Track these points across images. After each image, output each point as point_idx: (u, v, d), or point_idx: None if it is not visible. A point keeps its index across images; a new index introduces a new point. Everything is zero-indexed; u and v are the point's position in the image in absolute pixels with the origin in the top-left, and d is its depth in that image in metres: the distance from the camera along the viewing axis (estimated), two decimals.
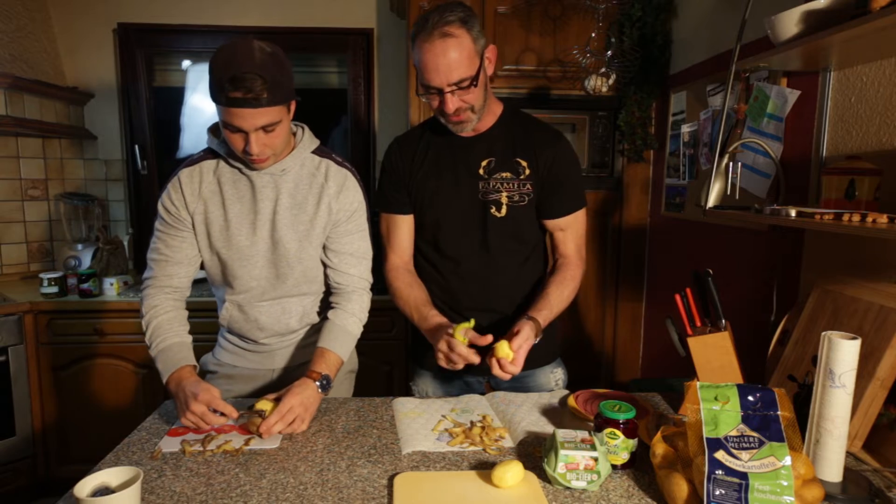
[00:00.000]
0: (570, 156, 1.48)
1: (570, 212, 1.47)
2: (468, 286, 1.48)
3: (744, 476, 0.88)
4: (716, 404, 0.97)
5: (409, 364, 1.62)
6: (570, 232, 1.48)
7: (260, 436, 1.19)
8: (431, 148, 1.47)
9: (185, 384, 1.24)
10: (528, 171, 1.43)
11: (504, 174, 1.43)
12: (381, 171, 1.53)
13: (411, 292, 1.46)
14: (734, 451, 0.91)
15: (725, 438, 0.93)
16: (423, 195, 1.47)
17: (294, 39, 3.02)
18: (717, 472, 0.90)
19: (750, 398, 0.96)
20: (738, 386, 0.98)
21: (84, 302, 2.50)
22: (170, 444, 1.16)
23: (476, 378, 1.55)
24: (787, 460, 0.88)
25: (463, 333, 1.26)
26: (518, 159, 1.43)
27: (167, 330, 1.34)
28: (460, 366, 1.27)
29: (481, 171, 1.43)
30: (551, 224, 1.48)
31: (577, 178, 1.49)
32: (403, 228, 1.50)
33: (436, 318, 1.39)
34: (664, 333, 1.43)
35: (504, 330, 1.40)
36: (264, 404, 1.23)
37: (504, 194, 1.43)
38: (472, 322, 1.27)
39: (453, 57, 1.26)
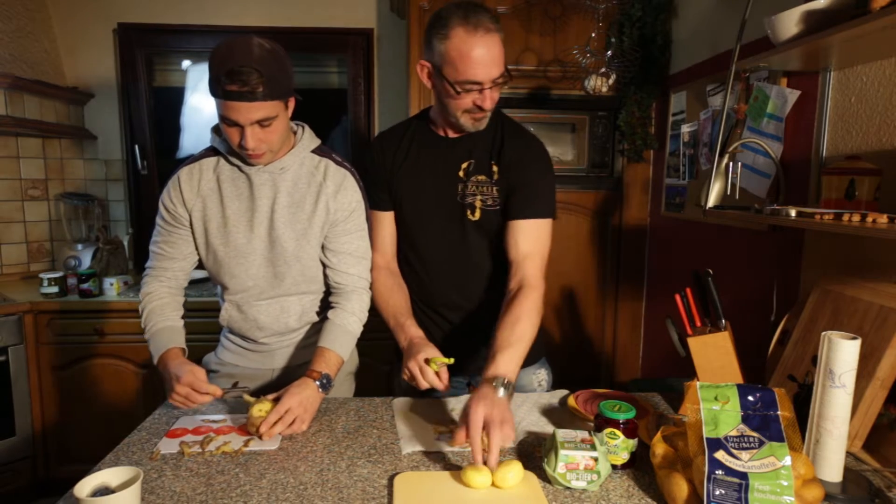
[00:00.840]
0: (538, 161, 1.41)
1: (529, 216, 1.36)
2: (444, 286, 1.48)
3: (744, 476, 0.88)
4: (716, 404, 0.97)
5: (396, 361, 1.60)
6: (531, 245, 1.35)
7: (259, 437, 1.19)
8: (414, 146, 1.47)
9: (170, 365, 1.29)
10: (496, 176, 1.41)
11: (480, 177, 1.41)
12: (364, 167, 1.52)
13: (391, 297, 1.44)
14: (734, 451, 0.91)
15: (725, 438, 0.93)
16: (404, 193, 1.46)
17: (294, 39, 3.02)
18: (717, 472, 0.90)
19: (750, 398, 0.96)
20: (738, 386, 0.98)
21: (84, 302, 2.50)
22: (168, 446, 1.16)
23: (456, 378, 1.53)
24: (787, 460, 0.88)
25: (438, 365, 1.24)
26: (492, 163, 1.41)
27: (159, 315, 1.38)
28: (424, 387, 1.26)
29: (461, 174, 1.42)
30: (511, 227, 1.37)
31: (542, 185, 1.39)
32: (385, 225, 1.50)
33: (412, 329, 1.36)
34: (664, 333, 1.43)
35: (477, 332, 1.40)
36: (264, 405, 1.22)
37: (479, 198, 1.41)
38: (451, 361, 1.26)
39: (497, 52, 1.27)
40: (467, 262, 1.46)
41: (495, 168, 1.41)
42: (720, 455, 0.91)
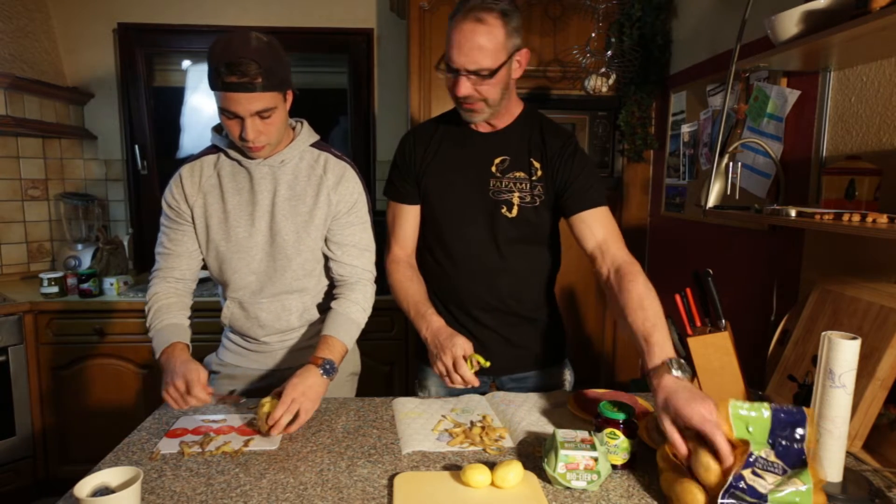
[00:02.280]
0: (580, 153, 1.42)
1: (592, 205, 1.37)
2: (473, 284, 1.46)
3: (763, 497, 0.87)
4: (748, 425, 0.94)
5: (417, 363, 1.61)
6: (605, 230, 1.36)
7: (268, 433, 1.19)
8: (444, 142, 1.46)
9: (173, 361, 1.26)
10: (539, 173, 1.41)
11: (518, 174, 1.41)
12: (393, 160, 1.52)
13: (410, 287, 1.44)
14: (759, 472, 0.90)
15: (755, 459, 0.91)
16: (433, 189, 1.45)
17: (294, 39, 3.02)
18: (737, 487, 0.88)
19: (779, 425, 0.93)
20: (773, 412, 0.93)
21: (84, 302, 2.50)
22: (168, 446, 1.16)
23: (481, 378, 1.54)
24: (808, 485, 0.86)
25: (474, 363, 1.27)
26: (532, 160, 1.41)
27: (165, 313, 1.37)
28: (457, 384, 1.27)
29: (493, 170, 1.42)
30: (577, 221, 1.38)
31: (593, 175, 1.41)
32: (408, 219, 1.50)
33: (434, 318, 1.37)
34: None
35: (506, 332, 1.44)
36: (269, 403, 1.22)
37: (516, 194, 1.41)
38: (488, 364, 1.29)
39: (480, 43, 1.25)
40: (498, 260, 1.45)
41: (537, 164, 1.41)
42: (746, 472, 0.90)
